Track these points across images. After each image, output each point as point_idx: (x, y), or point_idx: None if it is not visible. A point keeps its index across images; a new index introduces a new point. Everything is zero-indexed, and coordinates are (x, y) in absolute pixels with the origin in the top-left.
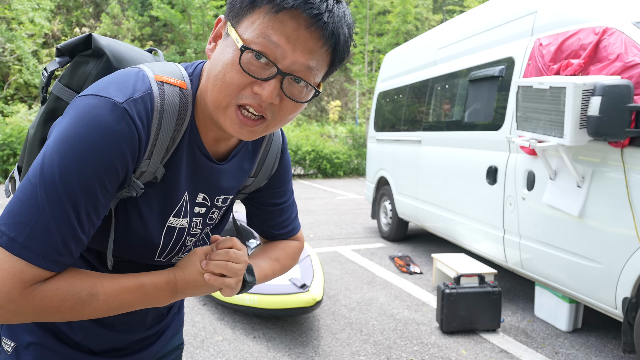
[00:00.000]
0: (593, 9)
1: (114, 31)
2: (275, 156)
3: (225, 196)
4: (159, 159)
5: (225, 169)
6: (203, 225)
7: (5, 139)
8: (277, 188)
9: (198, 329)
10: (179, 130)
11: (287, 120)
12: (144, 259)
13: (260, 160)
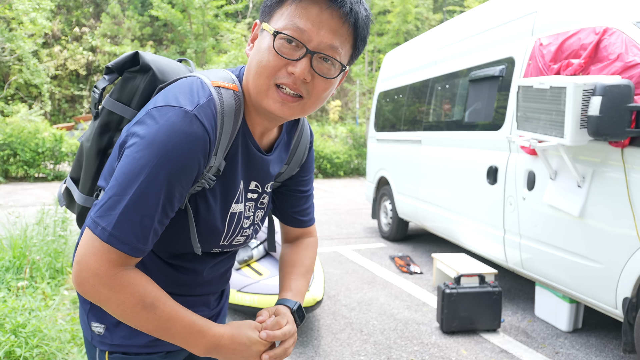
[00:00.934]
0: (593, 9)
1: (114, 31)
2: (305, 147)
3: (271, 182)
4: (223, 154)
5: (272, 158)
6: (254, 208)
7: (5, 139)
8: (304, 176)
9: None
10: (235, 127)
11: (321, 98)
12: (211, 246)
13: (293, 150)
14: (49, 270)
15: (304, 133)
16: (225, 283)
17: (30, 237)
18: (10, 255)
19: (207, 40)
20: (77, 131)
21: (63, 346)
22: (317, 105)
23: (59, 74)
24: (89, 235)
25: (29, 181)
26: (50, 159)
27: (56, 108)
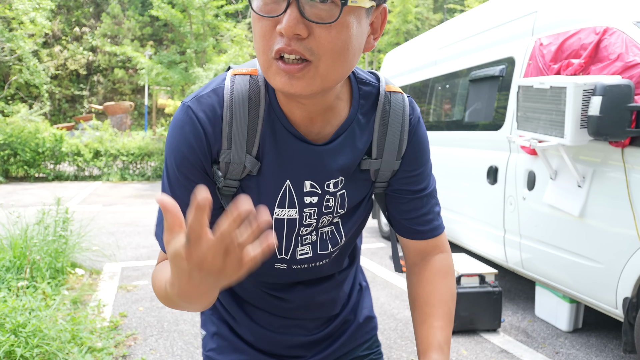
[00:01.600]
0: (593, 9)
1: (114, 31)
2: (401, 130)
3: (336, 180)
4: (242, 148)
5: (329, 149)
6: (319, 214)
7: (5, 139)
8: (413, 171)
9: (199, 328)
10: (255, 116)
11: (337, 53)
12: (270, 259)
13: (380, 137)
14: (49, 270)
15: (392, 111)
16: (327, 309)
17: (30, 237)
18: (10, 255)
19: (207, 40)
20: (77, 131)
21: (63, 346)
22: (336, 65)
23: (59, 74)
24: None
25: (29, 181)
26: (50, 159)
27: (56, 108)
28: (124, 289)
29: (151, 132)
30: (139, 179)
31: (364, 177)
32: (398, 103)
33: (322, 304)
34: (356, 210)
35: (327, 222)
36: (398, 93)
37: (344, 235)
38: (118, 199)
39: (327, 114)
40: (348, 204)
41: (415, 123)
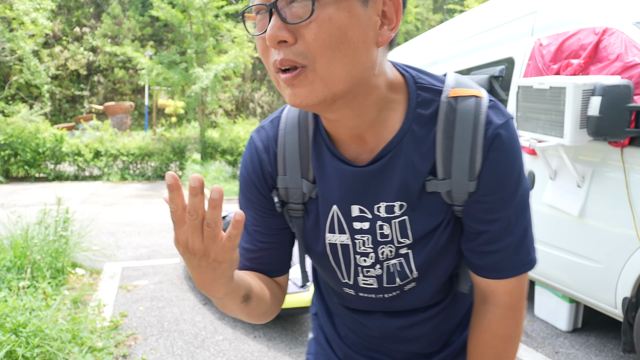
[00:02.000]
0: (593, 9)
1: (115, 31)
2: (472, 144)
3: (390, 204)
4: (297, 173)
5: (374, 170)
6: (374, 243)
7: (6, 139)
8: (487, 195)
9: (199, 328)
10: (305, 140)
11: (328, 51)
12: (336, 284)
13: (445, 153)
14: (50, 270)
15: (458, 121)
16: (416, 345)
17: (31, 237)
18: (11, 255)
19: (208, 41)
20: (78, 131)
21: (64, 346)
22: (334, 62)
23: (60, 74)
24: None
25: (29, 181)
26: (50, 159)
27: (57, 108)
28: (124, 289)
29: (151, 132)
30: (139, 179)
31: (436, 201)
32: (467, 111)
33: (408, 339)
34: (430, 239)
35: (391, 255)
36: (469, 98)
37: (414, 269)
38: (118, 199)
39: (376, 129)
40: (413, 233)
41: (494, 135)
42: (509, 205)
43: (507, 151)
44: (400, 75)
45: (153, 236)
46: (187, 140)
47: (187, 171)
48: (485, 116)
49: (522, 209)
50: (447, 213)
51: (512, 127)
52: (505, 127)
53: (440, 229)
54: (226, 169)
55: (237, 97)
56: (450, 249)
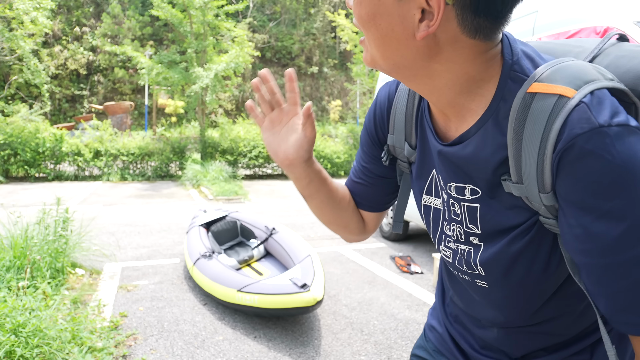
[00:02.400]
0: (594, 9)
1: (115, 31)
2: (540, 152)
3: (459, 185)
4: (402, 135)
5: (453, 151)
6: (448, 216)
7: (6, 139)
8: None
9: (199, 328)
10: (412, 107)
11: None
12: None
13: (515, 154)
14: (49, 270)
15: (529, 122)
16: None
17: (30, 237)
18: (10, 255)
19: (208, 40)
20: (78, 131)
21: (63, 346)
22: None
23: (60, 74)
24: None
25: (29, 181)
26: (50, 158)
27: (57, 108)
28: (124, 289)
29: (151, 132)
30: (139, 179)
31: (515, 203)
32: (540, 112)
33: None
34: (501, 238)
35: (461, 238)
36: (550, 96)
37: (479, 264)
38: (118, 199)
39: (458, 110)
40: (482, 223)
41: (566, 147)
42: (598, 243)
43: (587, 167)
44: (501, 56)
45: (153, 236)
46: (187, 140)
47: (187, 171)
48: (563, 122)
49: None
50: (529, 219)
51: (610, 137)
52: (592, 139)
53: (516, 233)
54: (226, 168)
55: (237, 97)
56: (532, 263)
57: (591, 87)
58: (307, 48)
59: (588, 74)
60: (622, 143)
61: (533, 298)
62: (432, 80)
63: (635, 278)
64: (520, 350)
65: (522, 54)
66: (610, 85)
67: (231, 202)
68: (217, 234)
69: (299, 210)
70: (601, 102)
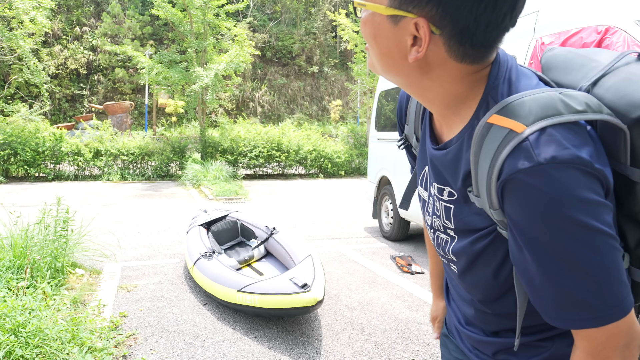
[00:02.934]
0: (595, 8)
1: (115, 30)
2: (488, 178)
3: (440, 186)
4: (413, 128)
5: (438, 155)
6: (432, 211)
7: (6, 139)
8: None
9: (199, 329)
10: (421, 104)
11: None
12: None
13: (475, 171)
14: (49, 270)
15: (484, 148)
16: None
17: (30, 237)
18: (10, 254)
19: (208, 40)
20: (78, 131)
21: (64, 346)
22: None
23: (60, 73)
24: None
25: (29, 181)
26: (50, 158)
27: (56, 107)
28: (124, 289)
29: (151, 132)
30: (139, 178)
31: (478, 211)
32: (493, 142)
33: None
34: (469, 236)
35: (440, 227)
36: (503, 129)
37: (451, 252)
38: (118, 198)
39: (446, 119)
40: (455, 221)
41: (506, 180)
42: (530, 254)
43: (522, 202)
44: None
45: (153, 236)
46: (187, 140)
47: (187, 171)
48: (507, 155)
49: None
50: (489, 226)
51: (544, 174)
52: (530, 172)
53: (479, 235)
54: (226, 168)
55: (238, 97)
56: (488, 263)
57: (544, 124)
58: (307, 47)
59: (548, 110)
60: (557, 180)
61: (491, 291)
62: (424, 92)
63: (558, 287)
64: (492, 327)
65: (505, 79)
66: (574, 119)
67: (231, 202)
68: (217, 234)
69: (300, 210)
70: (548, 140)
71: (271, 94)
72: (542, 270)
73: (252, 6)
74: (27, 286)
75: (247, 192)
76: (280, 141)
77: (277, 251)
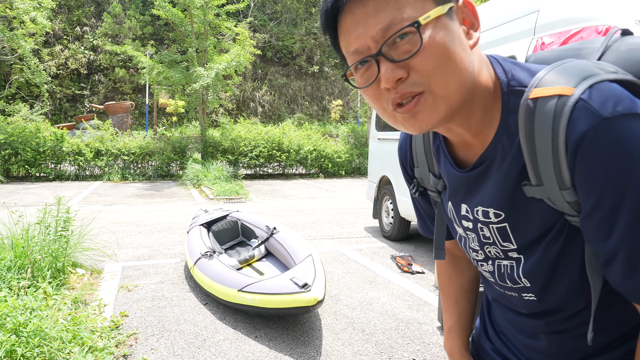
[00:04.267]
0: (595, 8)
1: (115, 30)
2: (554, 150)
3: (486, 209)
4: (425, 167)
5: (473, 176)
6: (479, 242)
7: (6, 139)
8: (589, 211)
9: (199, 328)
10: (428, 139)
11: (441, 70)
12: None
13: (532, 159)
14: (50, 270)
15: (537, 125)
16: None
17: (31, 237)
18: (11, 254)
19: (209, 40)
20: (78, 130)
21: (64, 346)
22: (448, 78)
23: (60, 73)
24: None
25: (30, 181)
26: (51, 158)
27: (57, 107)
28: (125, 289)
29: (152, 132)
30: (140, 178)
31: (541, 207)
32: (545, 115)
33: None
34: (538, 247)
35: (500, 255)
36: (551, 98)
37: (522, 276)
38: (119, 198)
39: (479, 134)
40: (516, 239)
41: (578, 141)
42: (612, 224)
43: (601, 158)
44: (496, 76)
45: (154, 236)
46: (187, 140)
47: (187, 170)
48: (568, 118)
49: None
50: (557, 221)
51: (615, 128)
52: (599, 129)
53: (549, 238)
54: (227, 168)
55: (238, 96)
56: (571, 263)
57: (590, 82)
58: (308, 47)
59: (585, 71)
60: (627, 131)
61: (581, 297)
62: (472, 104)
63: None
64: (568, 356)
65: (515, 66)
66: (612, 78)
67: (232, 201)
68: (218, 234)
69: (300, 210)
70: (602, 95)
71: (272, 93)
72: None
73: (253, 6)
74: (28, 286)
75: (248, 192)
76: (280, 141)
77: (278, 251)
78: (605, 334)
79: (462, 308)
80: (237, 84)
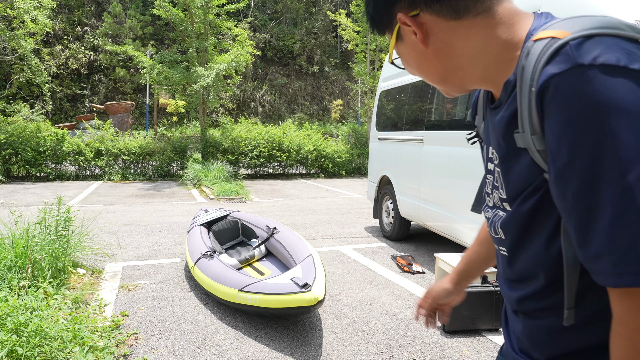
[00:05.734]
0: (596, 8)
1: (116, 30)
2: (529, 94)
3: (493, 150)
4: (481, 115)
5: (492, 115)
6: (492, 187)
7: (7, 139)
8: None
9: (200, 328)
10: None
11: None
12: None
13: (519, 99)
14: (50, 270)
15: (525, 65)
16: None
17: (32, 237)
18: (12, 254)
19: (209, 40)
20: (79, 130)
21: (65, 346)
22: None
23: (61, 73)
24: None
25: (30, 180)
26: (51, 158)
27: (58, 107)
28: (126, 289)
29: (152, 132)
30: (140, 178)
31: (526, 161)
32: (533, 54)
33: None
34: (515, 201)
35: (498, 204)
36: (544, 40)
37: (499, 226)
38: (119, 198)
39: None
40: (506, 186)
41: (543, 87)
42: (564, 182)
43: (559, 108)
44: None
45: (154, 236)
46: (188, 140)
47: (188, 170)
48: (546, 60)
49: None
50: (536, 178)
51: (585, 77)
52: (567, 75)
53: (527, 192)
54: (227, 168)
55: (239, 96)
56: (542, 227)
57: (592, 32)
58: (308, 47)
59: (599, 23)
60: (599, 83)
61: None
62: (473, 71)
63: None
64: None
65: (553, 17)
66: (637, 36)
67: (232, 201)
68: (218, 234)
69: (300, 210)
70: (596, 45)
71: (272, 93)
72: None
73: (253, 6)
74: (29, 286)
75: (248, 191)
76: (281, 141)
77: (278, 251)
78: (581, 331)
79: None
80: (238, 84)
